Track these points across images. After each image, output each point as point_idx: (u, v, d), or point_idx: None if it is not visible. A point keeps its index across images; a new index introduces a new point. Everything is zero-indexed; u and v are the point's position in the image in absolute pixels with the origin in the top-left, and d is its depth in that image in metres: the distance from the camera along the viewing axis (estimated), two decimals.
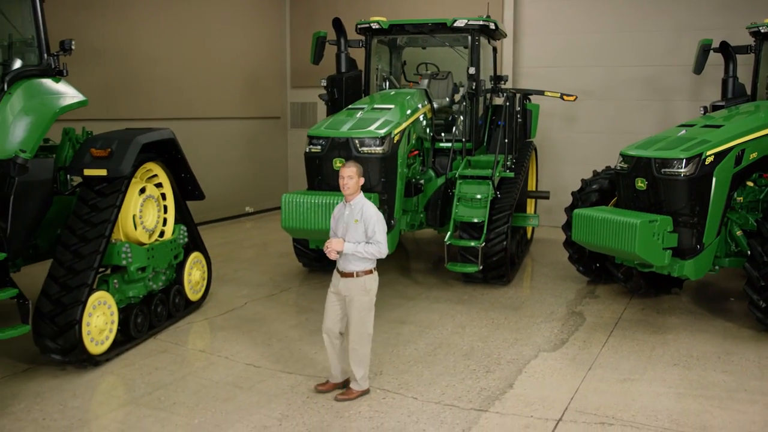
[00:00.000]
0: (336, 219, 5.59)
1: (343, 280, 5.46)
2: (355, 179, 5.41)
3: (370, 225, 5.38)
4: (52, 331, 5.88)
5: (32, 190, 6.09)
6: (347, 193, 5.44)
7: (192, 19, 12.82)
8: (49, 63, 6.74)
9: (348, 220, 5.44)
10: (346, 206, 5.50)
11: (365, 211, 5.43)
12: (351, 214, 5.45)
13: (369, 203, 5.49)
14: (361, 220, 5.39)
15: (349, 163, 5.52)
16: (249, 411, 5.35)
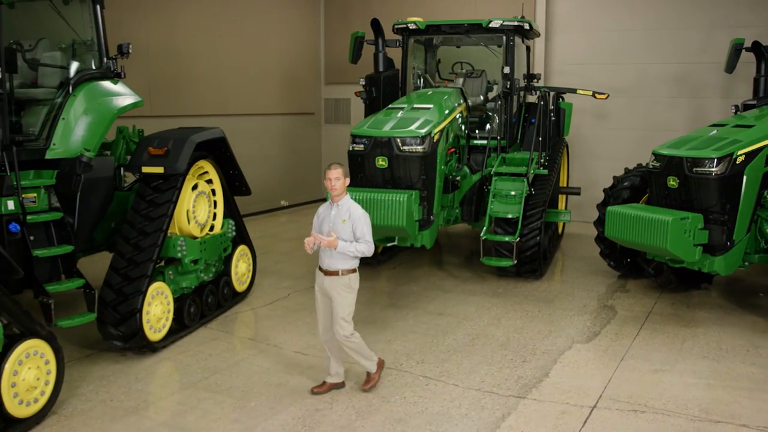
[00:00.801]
0: (320, 218, 5.70)
1: (327, 278, 5.57)
2: (342, 180, 5.53)
3: (359, 225, 5.52)
4: (115, 319, 6.29)
5: (96, 187, 6.49)
6: (334, 194, 5.54)
7: (232, 19, 13.20)
8: (108, 66, 7.15)
9: (335, 220, 5.55)
10: (332, 206, 5.60)
11: (353, 211, 5.55)
12: (338, 214, 5.56)
13: (355, 204, 5.62)
14: (349, 221, 5.51)
15: (335, 165, 5.60)
16: (300, 395, 5.70)
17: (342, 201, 5.59)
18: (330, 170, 5.55)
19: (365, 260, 9.54)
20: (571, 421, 5.28)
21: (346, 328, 5.58)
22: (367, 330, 7.22)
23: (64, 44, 7.19)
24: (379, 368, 5.86)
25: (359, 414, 5.37)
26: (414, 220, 7.37)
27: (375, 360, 5.84)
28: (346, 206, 5.57)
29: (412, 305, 8.11)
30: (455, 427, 5.16)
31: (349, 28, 15.02)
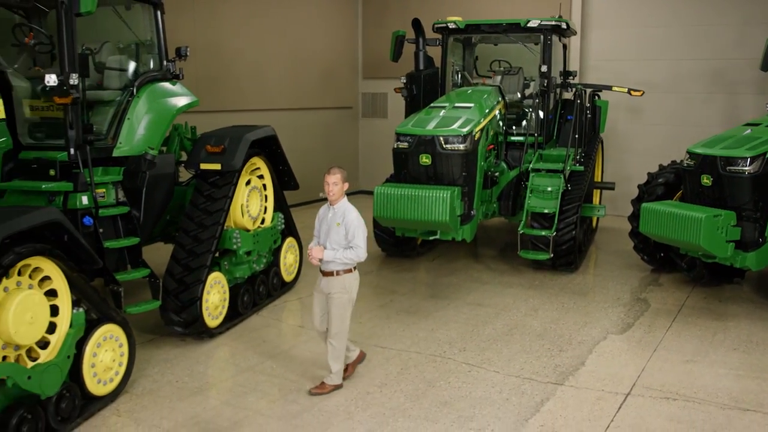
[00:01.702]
0: (320, 220, 5.92)
1: (324, 278, 5.78)
2: (340, 185, 5.71)
3: (351, 230, 5.68)
4: (176, 306, 6.74)
5: (159, 183, 6.94)
6: (332, 198, 5.72)
7: (274, 17, 13.61)
8: (167, 68, 7.58)
9: (330, 223, 5.75)
10: (330, 209, 5.81)
11: (347, 216, 5.72)
12: (334, 217, 5.76)
13: (351, 208, 5.79)
14: (343, 224, 5.70)
15: (335, 169, 5.76)
16: (352, 379, 6.10)
17: (338, 205, 5.76)
18: (329, 175, 5.72)
19: (405, 252, 10.04)
20: (606, 406, 5.61)
21: (339, 328, 5.76)
22: (410, 319, 7.63)
23: (126, 48, 7.63)
24: (336, 387, 5.87)
25: (407, 397, 5.76)
26: (456, 215, 7.72)
27: (341, 377, 5.91)
28: (341, 210, 5.75)
29: (452, 296, 8.47)
30: (498, 410, 5.53)
31: (386, 24, 15.43)
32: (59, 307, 5.13)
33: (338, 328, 5.76)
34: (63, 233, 5.15)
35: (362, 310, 7.94)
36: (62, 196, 6.22)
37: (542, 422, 5.35)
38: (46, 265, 5.00)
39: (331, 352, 5.81)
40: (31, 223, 4.76)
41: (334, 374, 5.85)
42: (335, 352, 5.81)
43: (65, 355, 5.09)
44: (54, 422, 5.04)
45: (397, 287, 8.84)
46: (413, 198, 7.51)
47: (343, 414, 5.48)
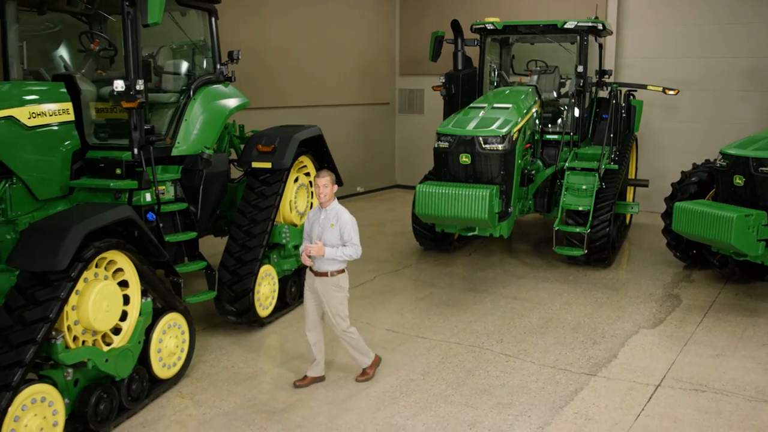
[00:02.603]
0: (311, 222, 6.05)
1: (318, 279, 5.92)
2: (330, 188, 5.87)
3: (346, 229, 5.88)
4: (230, 297, 7.18)
5: (214, 180, 7.36)
6: (323, 201, 5.88)
7: (314, 15, 14.01)
8: (221, 71, 8.00)
9: (323, 224, 5.90)
10: (321, 211, 5.96)
11: (340, 216, 5.90)
12: (326, 218, 5.91)
13: (343, 209, 5.98)
14: (337, 225, 5.87)
15: (324, 172, 5.91)
16: (396, 367, 6.50)
17: (330, 206, 5.93)
18: (319, 178, 5.87)
19: (442, 247, 10.39)
20: (637, 396, 5.93)
21: (342, 324, 5.98)
22: (449, 312, 7.99)
23: (183, 52, 8.07)
24: (374, 365, 6.22)
25: (449, 384, 6.13)
26: (494, 213, 8.05)
27: (371, 356, 6.21)
28: (334, 211, 5.93)
29: (489, 290, 8.81)
30: (534, 398, 5.88)
31: (423, 22, 15.77)
32: (130, 296, 5.59)
33: (343, 323, 5.99)
34: (134, 229, 5.60)
35: (403, 302, 8.33)
36: (127, 193, 6.68)
37: (576, 410, 5.69)
38: (119, 257, 5.46)
39: (349, 344, 6.06)
40: (109, 220, 5.22)
41: (365, 359, 6.16)
42: (353, 342, 6.05)
43: (136, 341, 5.56)
44: (126, 402, 5.51)
45: (435, 281, 9.21)
46: (454, 196, 7.85)
47: (389, 399, 5.87)
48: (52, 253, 4.75)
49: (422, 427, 5.42)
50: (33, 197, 6.40)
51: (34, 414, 4.63)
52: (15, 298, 4.80)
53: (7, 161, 6.04)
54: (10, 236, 6.31)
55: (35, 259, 4.81)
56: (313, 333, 6.10)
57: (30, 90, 6.40)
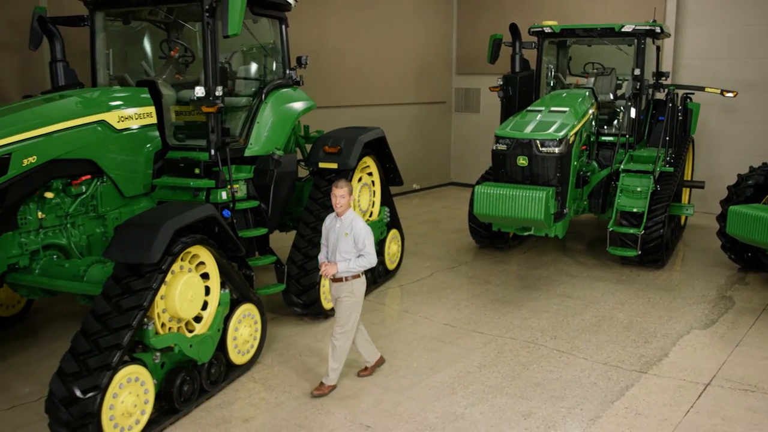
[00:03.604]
0: (327, 230, 6.17)
1: (335, 284, 6.07)
2: (347, 198, 5.98)
3: (360, 239, 5.96)
4: (297, 289, 7.64)
5: (284, 179, 7.82)
6: (339, 210, 6.00)
7: (373, 17, 14.42)
8: (290, 75, 8.45)
9: (339, 233, 6.02)
10: (337, 220, 6.09)
11: (355, 226, 5.99)
12: (342, 227, 6.02)
13: (358, 218, 6.07)
14: (351, 234, 5.97)
15: (342, 182, 6.01)
16: (453, 360, 6.86)
17: (346, 216, 6.05)
18: (336, 188, 5.98)
19: (497, 245, 10.69)
20: (686, 394, 6.17)
21: (338, 329, 6.09)
22: (505, 308, 8.31)
23: (255, 57, 8.54)
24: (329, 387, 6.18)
25: (504, 377, 6.47)
26: (550, 214, 8.31)
27: (338, 374, 6.21)
28: (348, 221, 6.03)
29: (543, 288, 9.09)
30: (586, 392, 6.17)
31: (480, 22, 16.03)
32: (210, 288, 6.07)
33: (343, 328, 6.09)
34: (215, 226, 6.08)
35: (460, 299, 8.67)
36: (205, 191, 7.18)
37: (626, 405, 5.96)
38: (202, 252, 5.94)
39: (332, 351, 6.12)
40: (195, 217, 5.70)
41: (332, 373, 6.15)
42: (337, 351, 6.11)
43: (215, 329, 6.04)
44: (206, 384, 6.00)
45: (491, 278, 9.53)
46: (511, 197, 8.16)
47: (448, 390, 6.24)
48: (146, 247, 5.24)
49: (479, 416, 5.77)
50: (120, 194, 6.98)
51: (129, 392, 5.14)
52: (112, 287, 5.31)
53: (99, 161, 6.62)
54: (100, 230, 6.91)
55: (130, 252, 5.30)
56: (358, 336, 6.33)
57: (118, 96, 6.96)
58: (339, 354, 6.15)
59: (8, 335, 7.53)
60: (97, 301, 5.29)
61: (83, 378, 4.90)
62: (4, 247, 5.99)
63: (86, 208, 6.72)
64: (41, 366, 6.75)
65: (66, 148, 6.22)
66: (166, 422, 5.59)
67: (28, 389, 6.28)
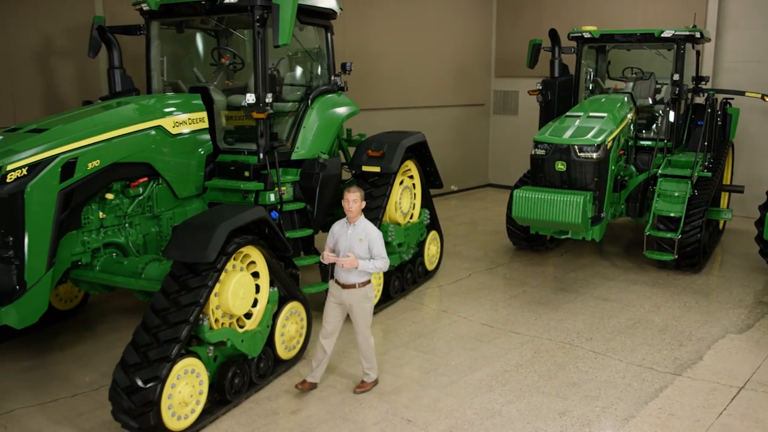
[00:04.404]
0: (336, 236, 6.16)
1: (345, 291, 6.11)
2: (359, 203, 6.05)
3: (375, 244, 6.06)
4: None
5: (329, 182, 8.10)
6: (351, 215, 6.05)
7: (413, 21, 14.67)
8: (335, 82, 8.74)
9: (351, 239, 6.06)
10: (349, 226, 6.12)
11: (369, 231, 6.08)
12: (354, 233, 6.07)
13: (369, 223, 6.16)
14: (365, 240, 6.05)
15: (354, 188, 6.08)
16: (491, 359, 7.09)
17: (358, 221, 6.12)
18: (349, 193, 6.04)
19: (535, 247, 10.87)
20: (720, 397, 6.31)
21: (367, 332, 6.28)
22: (541, 310, 8.50)
23: (298, 60, 8.85)
24: (373, 383, 6.43)
25: (540, 376, 6.68)
26: (587, 218, 8.49)
27: (376, 371, 6.47)
28: (362, 226, 6.11)
29: (579, 290, 9.26)
30: (620, 393, 6.35)
31: (520, 24, 16.18)
32: (260, 286, 6.39)
33: (365, 334, 6.27)
34: (265, 227, 6.40)
35: (497, 300, 8.89)
36: (254, 193, 7.51)
37: (660, 405, 6.13)
38: (253, 252, 6.26)
39: (365, 354, 6.34)
40: (248, 219, 6.03)
41: (370, 371, 6.41)
42: (370, 351, 6.33)
43: (265, 325, 6.36)
44: (255, 378, 6.32)
45: (528, 279, 9.72)
46: (549, 201, 8.36)
47: (485, 387, 6.47)
48: (203, 247, 5.57)
49: (516, 413, 6.00)
50: (174, 196, 7.35)
51: (186, 383, 5.47)
52: (170, 284, 5.65)
53: (155, 164, 6.98)
54: (155, 229, 7.28)
55: (188, 252, 5.64)
56: (329, 341, 6.33)
57: (172, 102, 7.33)
58: (370, 353, 6.36)
59: (66, 328, 7.95)
60: (156, 297, 5.64)
61: (144, 369, 5.24)
62: (69, 245, 6.38)
63: (143, 208, 7.10)
64: (99, 357, 7.16)
65: (126, 152, 6.59)
66: (218, 412, 5.92)
67: (88, 379, 6.67)
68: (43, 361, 7.09)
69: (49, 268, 5.94)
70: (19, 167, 5.65)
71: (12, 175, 5.60)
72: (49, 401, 6.24)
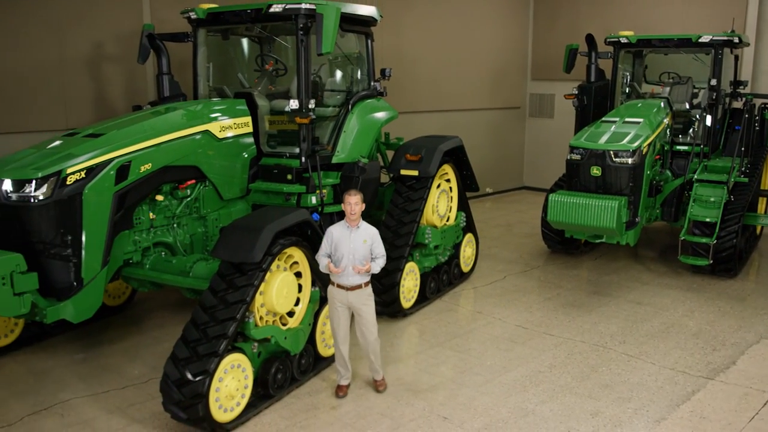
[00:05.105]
0: (337, 240, 6.17)
1: (351, 293, 6.19)
2: (360, 206, 6.14)
3: (377, 243, 6.24)
4: (378, 288, 8.11)
5: (368, 185, 8.31)
6: (353, 218, 6.14)
7: (449, 25, 14.84)
8: (374, 87, 8.97)
9: (355, 242, 6.13)
10: (351, 230, 6.18)
11: (372, 232, 6.25)
12: (358, 236, 6.16)
13: (368, 224, 6.31)
14: (369, 241, 6.20)
15: (354, 191, 6.21)
16: (525, 360, 7.25)
17: (360, 224, 6.24)
18: (350, 196, 6.13)
19: (569, 250, 10.97)
20: (752, 401, 6.40)
21: (375, 332, 6.41)
22: (575, 312, 8.64)
23: (338, 65, 9.10)
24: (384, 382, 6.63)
25: (573, 377, 6.83)
26: (622, 222, 8.59)
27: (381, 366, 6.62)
28: (364, 228, 6.23)
29: (613, 293, 9.36)
30: (652, 395, 6.48)
31: (556, 28, 16.25)
32: (302, 285, 6.64)
33: (374, 332, 6.40)
34: (308, 229, 6.65)
35: (531, 302, 9.04)
36: (296, 196, 7.77)
37: (692, 408, 6.24)
38: (296, 252, 6.52)
39: (375, 352, 6.46)
40: (292, 221, 6.29)
41: (381, 369, 6.59)
42: (378, 350, 6.48)
43: (306, 323, 6.61)
44: (296, 373, 6.57)
45: (562, 282, 9.85)
46: (584, 206, 8.48)
47: (519, 387, 6.64)
48: (249, 248, 5.84)
49: (549, 412, 6.16)
50: (219, 197, 7.64)
51: (232, 377, 5.74)
52: (218, 283, 5.93)
53: (202, 167, 7.28)
54: (201, 230, 7.58)
55: (236, 252, 5.91)
56: (346, 345, 6.43)
57: (218, 108, 7.62)
58: (378, 350, 6.51)
59: (114, 323, 8.30)
60: (205, 295, 5.92)
61: (194, 363, 5.52)
62: (121, 244, 6.71)
63: (190, 209, 7.41)
64: (146, 351, 7.48)
65: (176, 155, 6.90)
66: (261, 406, 6.18)
67: (137, 371, 6.99)
68: (94, 354, 7.43)
69: (104, 265, 6.27)
70: (78, 170, 5.98)
71: (71, 177, 5.93)
72: (101, 392, 6.56)
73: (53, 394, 6.51)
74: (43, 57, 9.20)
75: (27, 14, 8.99)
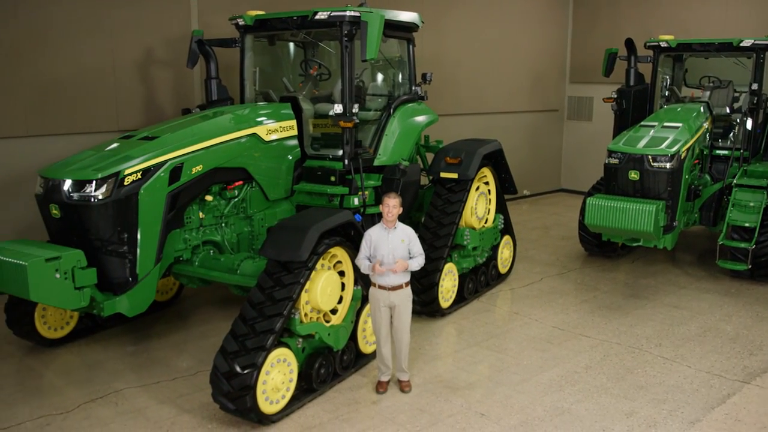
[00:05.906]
0: (375, 242, 6.34)
1: (393, 293, 6.34)
2: (398, 209, 6.29)
3: (414, 243, 6.40)
4: (418, 288, 8.31)
5: (409, 187, 8.52)
6: (390, 220, 6.29)
7: (489, 28, 14.98)
8: (415, 91, 9.17)
9: (393, 242, 6.29)
10: (388, 231, 6.33)
11: (408, 232, 6.39)
12: (395, 236, 6.32)
13: (404, 225, 6.46)
14: (407, 240, 6.35)
15: (393, 194, 6.37)
16: (561, 360, 7.39)
17: (398, 225, 6.39)
18: (390, 198, 6.30)
19: (606, 253, 11.05)
20: None
21: (408, 333, 6.57)
22: (612, 315, 8.74)
23: (380, 68, 9.32)
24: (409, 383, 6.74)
25: (609, 378, 6.96)
26: (660, 226, 8.67)
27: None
28: (401, 229, 6.39)
29: (650, 297, 9.44)
30: (688, 397, 6.58)
31: (595, 31, 16.29)
32: (345, 284, 6.87)
33: (408, 331, 6.56)
34: (351, 229, 6.88)
35: (568, 304, 9.16)
36: (339, 197, 8.01)
37: (727, 411, 6.33)
38: (340, 252, 6.76)
39: (405, 349, 6.59)
40: (337, 222, 6.52)
41: (408, 368, 6.72)
42: (407, 351, 6.63)
43: (349, 321, 6.84)
44: (339, 369, 6.80)
45: (599, 285, 9.94)
46: (622, 210, 8.58)
47: (556, 386, 6.79)
48: (296, 247, 6.08)
49: (584, 412, 6.30)
50: (265, 198, 7.92)
51: (278, 371, 5.99)
52: (266, 281, 6.18)
53: (249, 169, 7.57)
54: (247, 229, 7.87)
55: (283, 251, 6.16)
56: (388, 345, 6.58)
57: (264, 112, 7.90)
58: (407, 352, 6.66)
59: (162, 318, 8.62)
60: (252, 292, 6.18)
61: (242, 356, 5.78)
62: (173, 242, 7.02)
63: (237, 209, 7.70)
64: (193, 345, 7.78)
65: (225, 157, 7.19)
66: (305, 399, 6.42)
67: (185, 364, 7.29)
68: (144, 346, 7.76)
69: (157, 262, 6.59)
70: (135, 171, 6.30)
71: (128, 178, 6.25)
72: (151, 383, 6.87)
73: (107, 383, 6.84)
74: (96, 62, 9.60)
75: (81, 21, 9.39)
